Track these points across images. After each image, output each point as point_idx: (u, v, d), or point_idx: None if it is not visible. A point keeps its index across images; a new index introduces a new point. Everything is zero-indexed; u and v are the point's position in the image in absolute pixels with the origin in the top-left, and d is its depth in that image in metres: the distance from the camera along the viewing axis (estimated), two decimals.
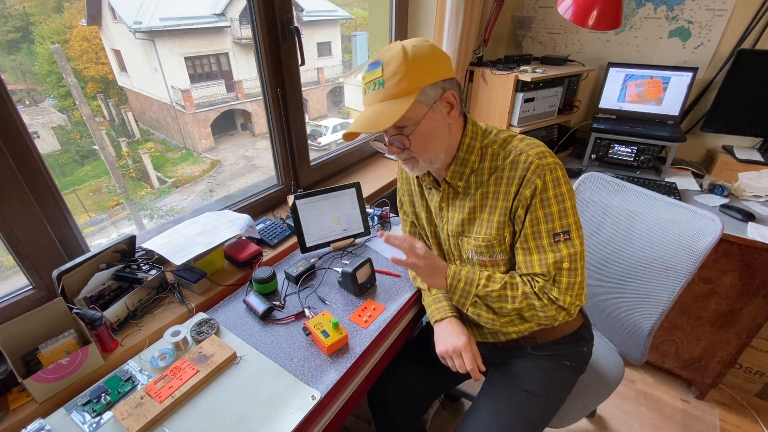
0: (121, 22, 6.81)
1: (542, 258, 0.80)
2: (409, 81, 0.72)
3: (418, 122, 0.76)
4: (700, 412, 1.61)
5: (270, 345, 0.89)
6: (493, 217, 0.83)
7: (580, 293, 0.82)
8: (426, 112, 0.76)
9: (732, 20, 1.52)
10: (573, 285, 0.80)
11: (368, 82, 0.76)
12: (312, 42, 8.84)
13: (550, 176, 0.76)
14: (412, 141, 0.77)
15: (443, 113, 0.78)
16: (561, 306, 0.80)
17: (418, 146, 0.79)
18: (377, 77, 0.74)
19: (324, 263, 1.16)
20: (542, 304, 0.81)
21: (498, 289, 0.83)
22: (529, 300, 0.81)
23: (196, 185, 7.16)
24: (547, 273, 0.79)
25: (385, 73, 0.73)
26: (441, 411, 1.61)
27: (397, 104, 0.72)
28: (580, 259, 0.80)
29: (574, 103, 1.84)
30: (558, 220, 0.77)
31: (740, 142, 1.65)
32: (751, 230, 1.28)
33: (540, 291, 0.81)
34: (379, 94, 0.74)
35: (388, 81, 0.73)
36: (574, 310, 0.82)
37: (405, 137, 0.77)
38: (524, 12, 1.95)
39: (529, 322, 0.87)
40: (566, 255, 0.78)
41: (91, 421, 0.72)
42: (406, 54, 0.72)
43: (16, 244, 0.84)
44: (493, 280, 0.85)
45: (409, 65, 0.72)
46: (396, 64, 0.72)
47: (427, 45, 0.75)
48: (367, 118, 0.74)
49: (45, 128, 5.81)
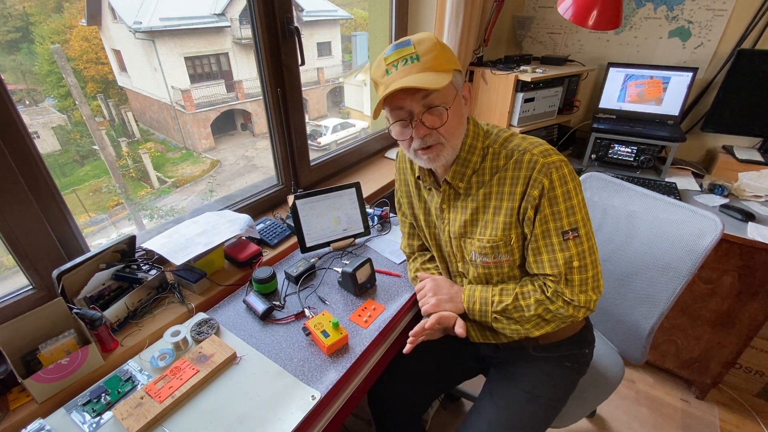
0: (121, 22, 6.82)
1: (552, 258, 0.79)
2: (444, 59, 0.72)
3: (449, 106, 0.75)
4: (700, 412, 1.61)
5: (270, 345, 0.89)
6: (498, 218, 0.82)
7: (595, 287, 0.81)
8: (455, 96, 0.76)
9: (732, 20, 1.52)
10: (586, 281, 0.80)
11: (397, 59, 0.73)
12: (312, 42, 8.85)
13: (556, 174, 0.75)
14: (448, 117, 0.75)
15: (462, 104, 0.79)
16: (578, 305, 0.80)
17: (449, 128, 0.76)
18: (410, 53, 0.72)
19: (324, 263, 1.16)
20: (557, 307, 0.81)
21: (512, 302, 0.84)
22: (544, 305, 0.82)
23: (196, 185, 7.16)
24: (558, 274, 0.79)
25: (419, 49, 0.72)
26: (441, 411, 1.61)
27: (438, 76, 0.71)
28: (590, 253, 0.80)
29: (574, 103, 1.84)
30: (566, 218, 0.77)
31: (740, 142, 1.65)
32: (751, 230, 1.28)
33: (553, 295, 0.81)
34: (415, 67, 0.71)
35: (423, 56, 0.72)
36: (594, 305, 0.82)
37: (444, 110, 0.74)
38: (524, 12, 1.95)
39: (552, 322, 0.87)
40: (575, 253, 0.78)
41: (91, 421, 0.72)
42: (436, 38, 0.73)
43: (16, 244, 0.84)
44: (506, 293, 0.85)
45: (442, 46, 0.73)
46: (430, 43, 0.72)
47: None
48: (413, 80, 0.70)
49: (45, 128, 5.82)
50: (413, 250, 1.09)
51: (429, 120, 0.75)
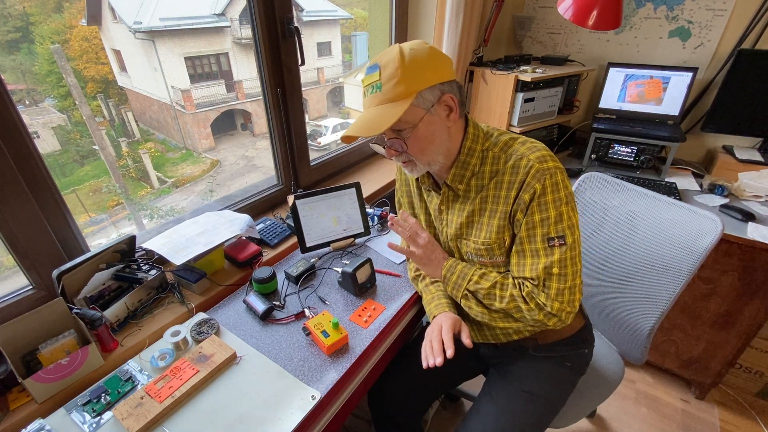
0: (121, 22, 6.81)
1: (534, 262, 0.80)
2: (406, 85, 0.72)
3: (415, 125, 0.76)
4: (700, 412, 1.61)
5: (270, 345, 0.89)
6: (492, 221, 0.83)
7: (571, 299, 0.80)
8: (423, 116, 0.76)
9: (732, 20, 1.52)
10: (563, 291, 0.79)
11: (367, 85, 0.77)
12: (312, 42, 8.84)
13: (549, 181, 0.76)
14: (408, 144, 0.78)
15: (442, 116, 0.78)
16: (549, 312, 0.80)
17: (415, 149, 0.79)
18: (375, 81, 0.74)
19: (324, 263, 1.16)
20: (529, 308, 0.81)
21: (487, 288, 0.84)
22: (516, 302, 0.82)
23: (196, 185, 7.16)
24: (536, 277, 0.79)
25: (383, 76, 0.73)
26: (441, 411, 1.61)
27: (393, 108, 0.73)
28: (572, 264, 0.79)
29: (574, 103, 1.84)
30: (554, 225, 0.77)
31: (740, 142, 1.65)
32: (751, 230, 1.28)
33: (528, 296, 0.81)
34: (377, 98, 0.75)
35: (384, 84, 0.73)
36: (566, 317, 0.81)
37: (402, 140, 0.77)
38: (524, 12, 1.95)
39: (519, 321, 0.87)
40: (557, 260, 0.78)
41: (91, 421, 0.72)
42: (403, 57, 0.72)
43: (16, 244, 0.85)
44: (486, 278, 0.86)
45: (405, 69, 0.72)
46: (392, 68, 0.72)
47: (426, 48, 0.75)
48: (364, 121, 0.75)
49: (45, 128, 5.81)
50: None
51: (395, 144, 0.79)
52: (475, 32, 1.65)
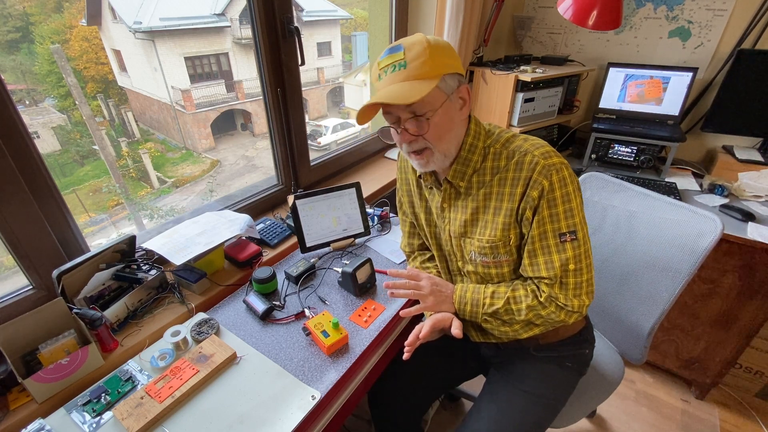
0: (121, 22, 6.82)
1: (548, 260, 0.79)
2: (432, 65, 0.72)
3: (436, 110, 0.75)
4: (700, 412, 1.61)
5: (270, 345, 0.89)
6: (497, 218, 0.82)
7: (589, 291, 0.82)
8: (444, 101, 0.76)
9: (732, 20, 1.52)
10: (580, 284, 0.80)
11: (388, 65, 0.75)
12: (312, 42, 8.85)
13: (556, 176, 0.75)
14: (431, 126, 0.76)
15: (456, 107, 0.78)
16: (570, 310, 0.81)
17: (435, 134, 0.77)
18: (399, 59, 0.73)
19: (324, 263, 1.16)
20: (548, 312, 0.81)
21: (503, 305, 0.84)
22: (535, 311, 0.82)
23: (196, 185, 7.16)
24: (553, 276, 0.79)
25: (408, 56, 0.73)
26: (441, 411, 1.60)
27: (420, 84, 0.72)
28: (586, 257, 0.80)
29: (574, 103, 1.84)
30: (564, 220, 0.77)
31: (740, 142, 1.65)
32: (751, 230, 1.28)
33: (546, 300, 0.81)
34: (400, 75, 0.73)
35: (411, 63, 0.72)
36: (585, 310, 0.83)
37: (425, 120, 0.75)
38: (524, 12, 1.95)
39: (541, 326, 0.88)
40: (572, 256, 0.78)
41: (91, 421, 0.72)
42: (428, 41, 0.73)
43: (16, 244, 0.84)
44: (497, 296, 0.85)
45: (432, 51, 0.72)
46: (420, 48, 0.72)
47: (444, 41, 0.76)
48: (392, 91, 0.72)
49: (45, 128, 5.82)
50: (413, 249, 1.09)
51: (412, 127, 0.76)
52: (475, 32, 1.65)
